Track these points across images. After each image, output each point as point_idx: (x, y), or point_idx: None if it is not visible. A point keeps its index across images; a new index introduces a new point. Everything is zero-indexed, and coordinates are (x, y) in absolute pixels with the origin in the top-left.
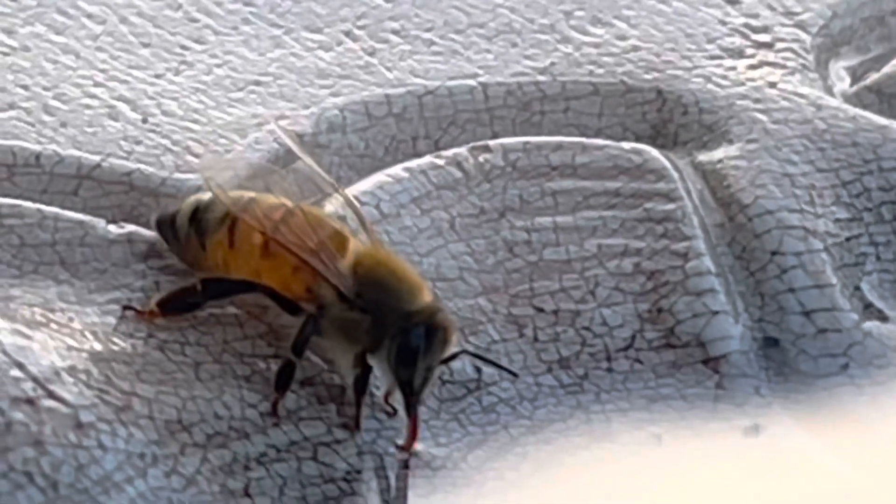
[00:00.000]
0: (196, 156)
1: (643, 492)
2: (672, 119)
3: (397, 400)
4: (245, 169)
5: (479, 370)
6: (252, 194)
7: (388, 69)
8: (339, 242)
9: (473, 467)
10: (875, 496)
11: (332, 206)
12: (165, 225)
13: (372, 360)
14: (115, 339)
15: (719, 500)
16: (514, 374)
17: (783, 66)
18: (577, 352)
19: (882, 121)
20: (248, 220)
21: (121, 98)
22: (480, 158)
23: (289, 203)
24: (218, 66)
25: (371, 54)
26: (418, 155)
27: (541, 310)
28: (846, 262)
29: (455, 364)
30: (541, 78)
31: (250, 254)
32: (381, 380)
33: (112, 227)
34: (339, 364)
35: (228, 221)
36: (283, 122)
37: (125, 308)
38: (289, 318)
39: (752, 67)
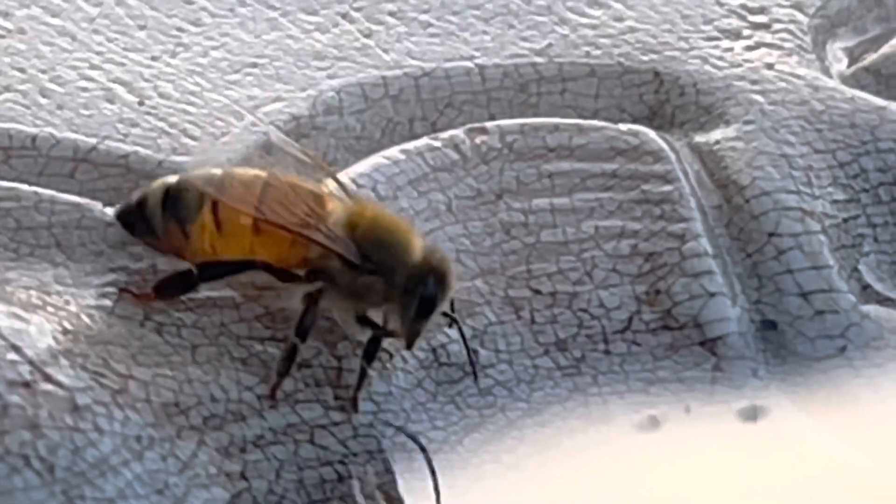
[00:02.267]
0: (193, 138)
1: (641, 474)
2: (669, 100)
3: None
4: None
5: (475, 353)
6: (219, 170)
7: (385, 51)
8: (324, 205)
9: (470, 450)
10: (872, 477)
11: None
12: (132, 216)
13: (376, 315)
14: (112, 322)
15: (717, 481)
16: (476, 376)
17: (780, 48)
18: (575, 334)
19: (879, 102)
20: (228, 202)
21: (117, 80)
22: (477, 140)
23: (261, 173)
24: (214, 48)
25: (367, 36)
26: (415, 137)
27: (538, 292)
28: (844, 243)
29: (452, 347)
30: (538, 59)
31: (241, 235)
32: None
33: (108, 210)
34: (345, 325)
35: (208, 204)
36: (279, 105)
37: (122, 290)
38: (289, 301)
39: (749, 49)
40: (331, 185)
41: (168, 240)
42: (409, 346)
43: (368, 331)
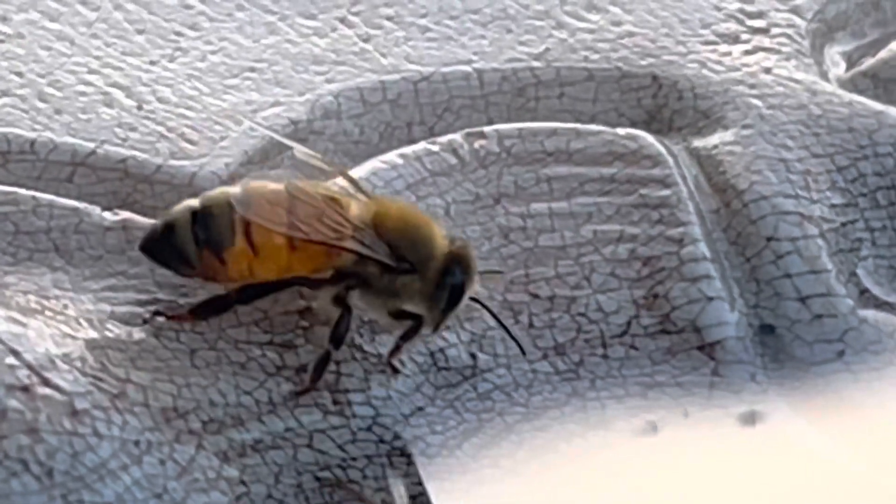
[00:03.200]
0: (191, 142)
1: (639, 478)
2: (667, 105)
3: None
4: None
5: (474, 357)
6: (237, 188)
7: (383, 55)
8: (349, 209)
9: (469, 455)
10: (871, 482)
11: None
12: (162, 247)
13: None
14: (110, 327)
15: (715, 486)
16: (523, 352)
17: (778, 52)
18: (573, 338)
19: (877, 106)
20: (262, 222)
21: (115, 85)
22: (475, 145)
23: (278, 185)
24: (213, 52)
25: (366, 40)
26: (413, 141)
27: (536, 296)
28: (842, 247)
29: (451, 351)
30: (536, 64)
31: (277, 254)
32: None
33: (107, 214)
34: (380, 319)
35: (241, 227)
36: (277, 109)
37: (155, 314)
38: (314, 301)
39: (748, 53)
40: (346, 185)
41: (204, 268)
42: (435, 331)
43: (405, 323)
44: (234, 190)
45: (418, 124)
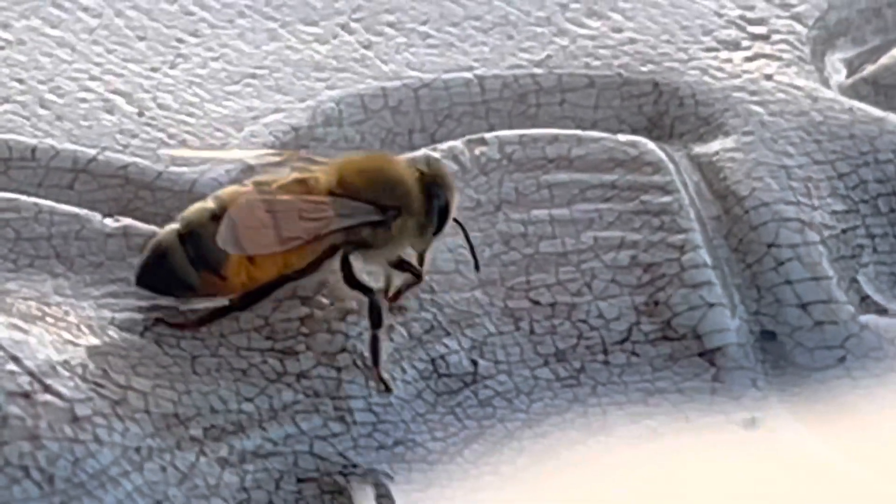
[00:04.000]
0: (192, 149)
1: (640, 485)
2: (668, 111)
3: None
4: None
5: (475, 364)
6: (210, 203)
7: (384, 62)
8: (316, 187)
9: (470, 461)
10: (871, 488)
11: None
12: (161, 278)
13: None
14: (111, 333)
15: (716, 493)
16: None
17: (779, 58)
18: (574, 345)
19: (878, 112)
20: (254, 251)
21: (116, 91)
22: (476, 151)
23: (242, 188)
24: (214, 59)
25: (367, 47)
26: (414, 148)
27: (537, 303)
28: (843, 254)
29: (451, 358)
30: (537, 70)
31: (272, 258)
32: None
33: (108, 221)
34: (380, 273)
35: None
36: (278, 116)
37: (156, 321)
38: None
39: (749, 59)
40: (304, 163)
41: (206, 287)
42: (395, 296)
43: (404, 275)
44: (210, 205)
45: (419, 131)
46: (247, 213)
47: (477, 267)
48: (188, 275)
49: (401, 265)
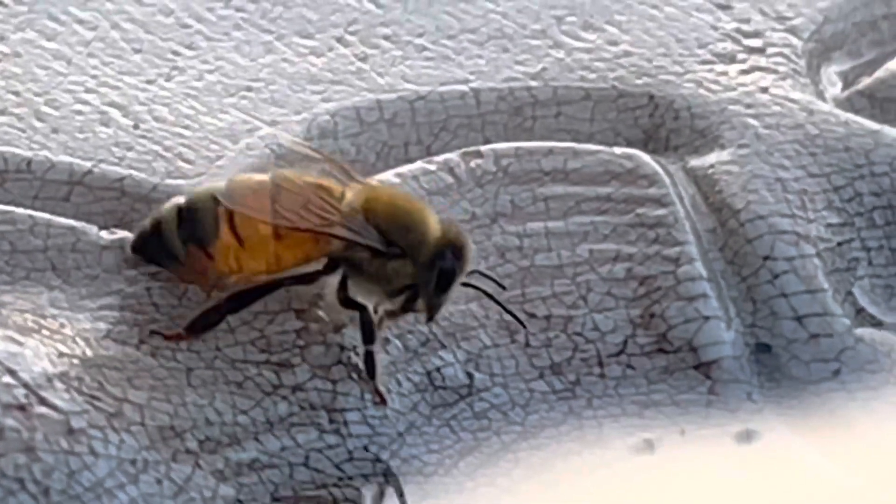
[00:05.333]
0: (188, 162)
1: (635, 498)
2: (664, 124)
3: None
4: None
5: (470, 376)
6: (222, 182)
7: (380, 75)
8: (337, 196)
9: (465, 473)
10: (867, 500)
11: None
12: (151, 245)
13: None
14: (107, 345)
15: None
16: (523, 326)
17: (775, 71)
18: (569, 357)
19: (874, 126)
20: (244, 211)
21: (112, 104)
22: (472, 164)
23: (265, 176)
24: (209, 71)
25: (363, 60)
26: (410, 160)
27: (533, 315)
28: (838, 266)
29: (447, 370)
30: (532, 83)
31: (263, 244)
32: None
33: (104, 233)
34: (371, 302)
35: (225, 219)
36: (274, 129)
37: (152, 332)
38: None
39: (744, 72)
40: (340, 173)
41: (192, 264)
42: (430, 319)
43: (400, 301)
44: (220, 184)
45: (415, 143)
46: (255, 181)
47: (522, 325)
48: (175, 246)
49: (394, 293)
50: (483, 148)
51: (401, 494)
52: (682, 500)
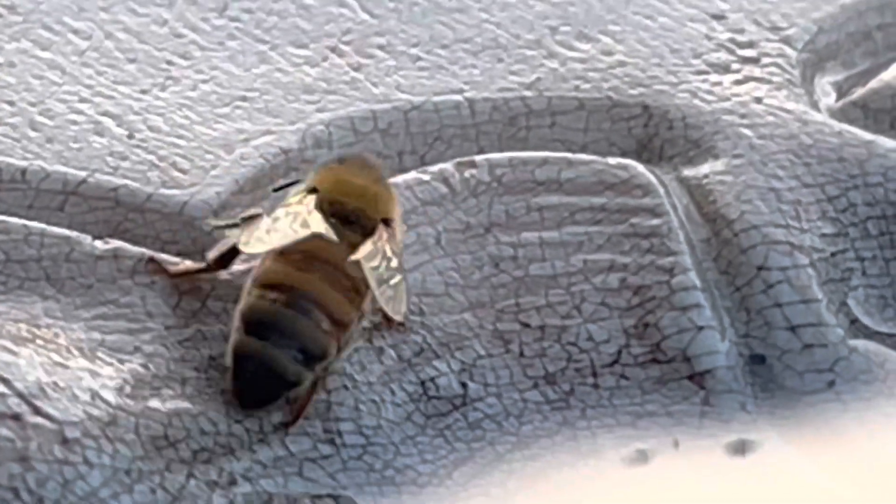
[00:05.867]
0: (182, 171)
1: None
2: (658, 134)
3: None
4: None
5: (464, 386)
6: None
7: (374, 84)
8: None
9: (459, 484)
10: None
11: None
12: (271, 387)
13: None
14: (101, 355)
15: None
16: None
17: (769, 82)
18: (563, 367)
19: (867, 136)
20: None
21: (106, 114)
22: (466, 174)
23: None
24: (204, 81)
25: (357, 70)
26: (404, 170)
27: (527, 325)
28: (832, 277)
29: (441, 380)
30: (527, 93)
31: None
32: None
33: (98, 243)
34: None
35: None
36: (268, 138)
37: (150, 260)
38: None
39: (738, 83)
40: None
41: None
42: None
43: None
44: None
45: (409, 153)
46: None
47: None
48: (293, 370)
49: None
50: (477, 158)
51: None
52: None
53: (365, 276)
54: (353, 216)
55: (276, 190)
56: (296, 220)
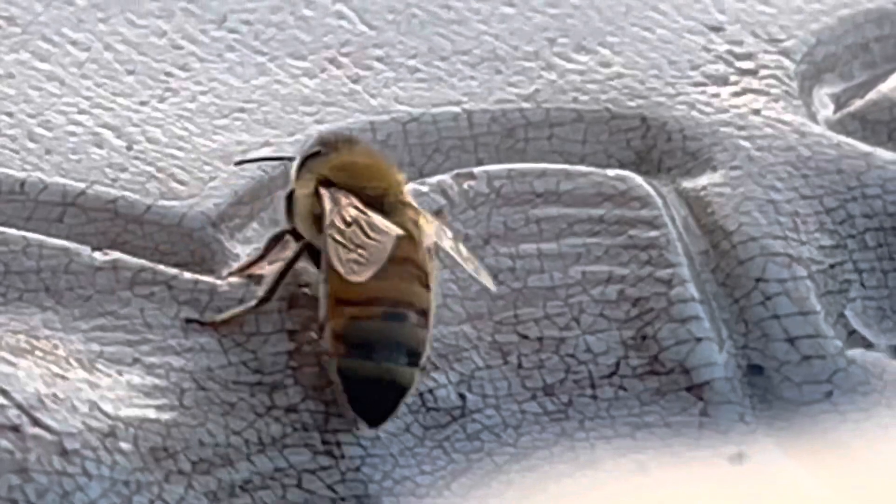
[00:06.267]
0: (181, 183)
1: None
2: (656, 146)
3: None
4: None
5: (463, 398)
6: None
7: (373, 96)
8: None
9: (458, 495)
10: None
11: None
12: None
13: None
14: (100, 366)
15: None
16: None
17: (767, 93)
18: (562, 379)
19: (866, 147)
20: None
21: (105, 125)
22: (465, 185)
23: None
24: (202, 93)
25: (355, 81)
26: None
27: (525, 337)
28: (830, 288)
29: (440, 392)
30: (525, 105)
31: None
32: None
33: (97, 254)
34: None
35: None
36: (267, 150)
37: (188, 321)
38: None
39: (736, 94)
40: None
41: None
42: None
43: None
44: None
45: (408, 165)
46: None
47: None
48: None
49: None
50: (476, 170)
51: None
52: None
53: (424, 258)
54: (376, 200)
55: (238, 163)
56: (364, 227)
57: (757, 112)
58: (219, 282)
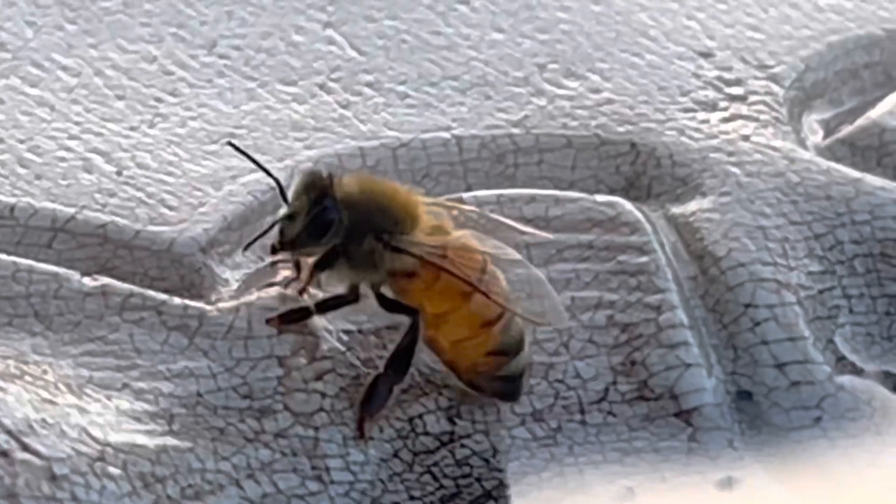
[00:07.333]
0: (170, 208)
1: None
2: (645, 172)
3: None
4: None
5: (452, 423)
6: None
7: (362, 122)
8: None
9: None
10: None
11: None
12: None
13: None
14: (89, 391)
15: None
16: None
17: (756, 119)
18: (551, 404)
19: (855, 174)
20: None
21: (95, 151)
22: (454, 211)
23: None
24: (192, 118)
25: (345, 107)
26: None
27: None
28: (819, 314)
29: (428, 417)
30: (514, 130)
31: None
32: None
33: (86, 280)
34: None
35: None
36: (256, 175)
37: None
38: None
39: (726, 120)
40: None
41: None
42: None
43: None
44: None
45: None
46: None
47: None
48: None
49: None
50: (465, 195)
51: None
52: None
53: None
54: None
55: (246, 248)
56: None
57: (746, 138)
58: (208, 307)
